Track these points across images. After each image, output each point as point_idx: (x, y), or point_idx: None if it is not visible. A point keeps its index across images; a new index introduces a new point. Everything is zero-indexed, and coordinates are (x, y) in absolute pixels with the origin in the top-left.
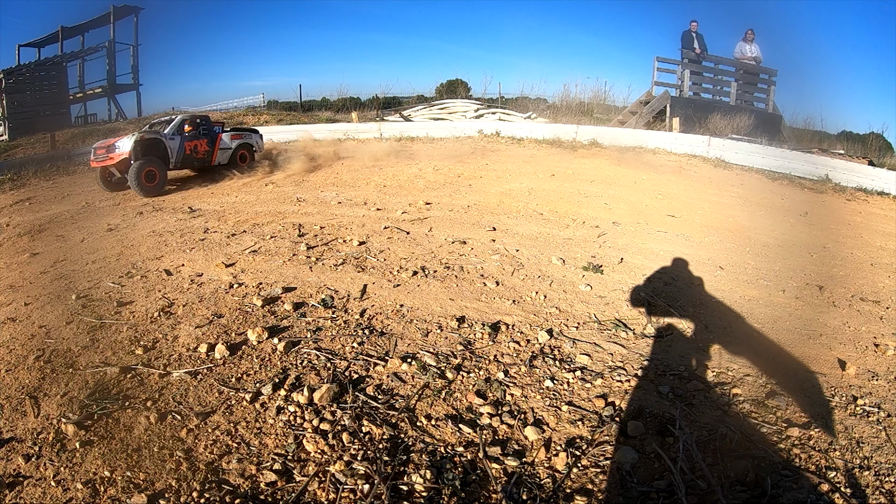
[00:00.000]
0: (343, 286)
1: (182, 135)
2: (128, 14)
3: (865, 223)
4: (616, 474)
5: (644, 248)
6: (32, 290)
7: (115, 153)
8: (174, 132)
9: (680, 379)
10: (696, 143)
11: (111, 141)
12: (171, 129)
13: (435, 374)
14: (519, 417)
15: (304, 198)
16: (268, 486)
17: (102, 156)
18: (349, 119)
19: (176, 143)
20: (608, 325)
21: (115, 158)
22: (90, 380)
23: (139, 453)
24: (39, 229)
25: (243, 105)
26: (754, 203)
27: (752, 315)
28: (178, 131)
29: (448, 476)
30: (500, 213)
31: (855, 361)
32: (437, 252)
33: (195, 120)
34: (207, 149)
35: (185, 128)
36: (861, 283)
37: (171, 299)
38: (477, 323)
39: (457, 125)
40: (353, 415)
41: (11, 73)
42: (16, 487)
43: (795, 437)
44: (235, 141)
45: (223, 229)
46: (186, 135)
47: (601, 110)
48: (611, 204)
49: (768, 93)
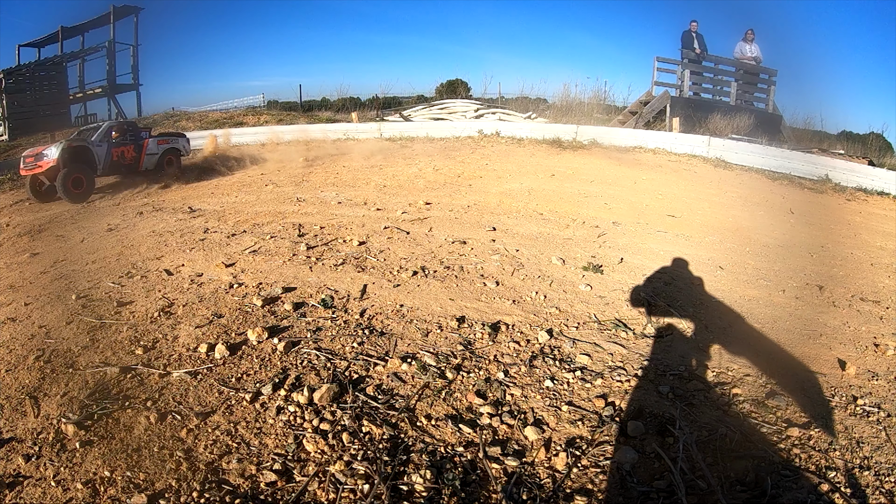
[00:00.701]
0: (343, 286)
1: (109, 141)
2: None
3: (865, 223)
4: (616, 474)
5: (644, 248)
6: (32, 290)
7: (44, 161)
8: (101, 139)
9: (680, 379)
10: (696, 143)
11: (39, 149)
12: (98, 136)
13: (435, 374)
14: (519, 417)
15: (303, 198)
16: (268, 486)
17: (31, 164)
18: (349, 119)
19: (103, 149)
20: (608, 325)
21: (44, 166)
22: (90, 380)
23: (139, 453)
24: (39, 229)
25: (243, 105)
26: (754, 203)
27: (752, 315)
28: (105, 138)
29: (448, 476)
30: (500, 213)
31: (855, 361)
32: (437, 252)
33: (122, 126)
34: (134, 154)
35: (112, 134)
36: (861, 283)
37: (171, 299)
38: (477, 323)
39: (457, 125)
40: (353, 415)
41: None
42: (16, 487)
43: (795, 437)
44: (162, 146)
45: (223, 229)
46: (113, 141)
47: (601, 110)
48: (611, 204)
49: (768, 93)
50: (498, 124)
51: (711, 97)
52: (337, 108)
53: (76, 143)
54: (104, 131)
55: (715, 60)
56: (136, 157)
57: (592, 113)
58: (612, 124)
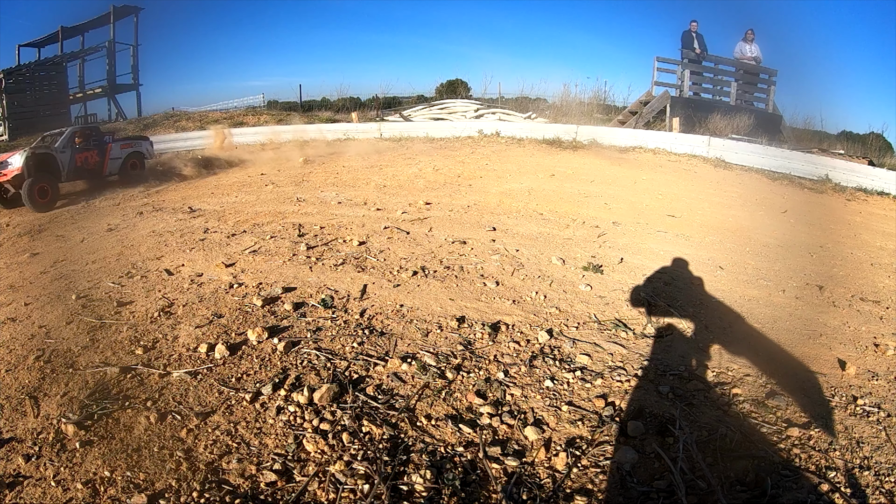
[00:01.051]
0: (343, 286)
1: (73, 147)
2: (128, 14)
3: (865, 223)
4: (616, 474)
5: (644, 247)
6: (32, 290)
7: (8, 170)
8: (64, 145)
9: (680, 379)
10: (696, 143)
11: (3, 157)
12: (61, 143)
13: (435, 374)
14: (519, 417)
15: (304, 198)
16: (268, 486)
17: None
18: (349, 119)
19: (67, 156)
20: (608, 325)
21: (9, 175)
22: (90, 380)
23: (139, 453)
24: (39, 229)
25: (243, 105)
26: (754, 203)
27: (752, 315)
28: (69, 144)
29: (448, 476)
30: (500, 213)
31: (855, 361)
32: (437, 252)
33: (85, 131)
34: (98, 160)
35: (75, 140)
36: (861, 283)
37: (171, 299)
38: (477, 323)
39: (456, 125)
40: (353, 415)
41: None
42: (16, 487)
43: (795, 437)
44: (125, 150)
45: (223, 229)
46: (77, 147)
47: (601, 110)
48: (611, 204)
49: (768, 93)
50: (498, 124)
51: (711, 97)
52: (337, 108)
53: (40, 150)
54: (67, 137)
55: (715, 60)
56: (99, 161)
57: (592, 113)
58: (612, 124)
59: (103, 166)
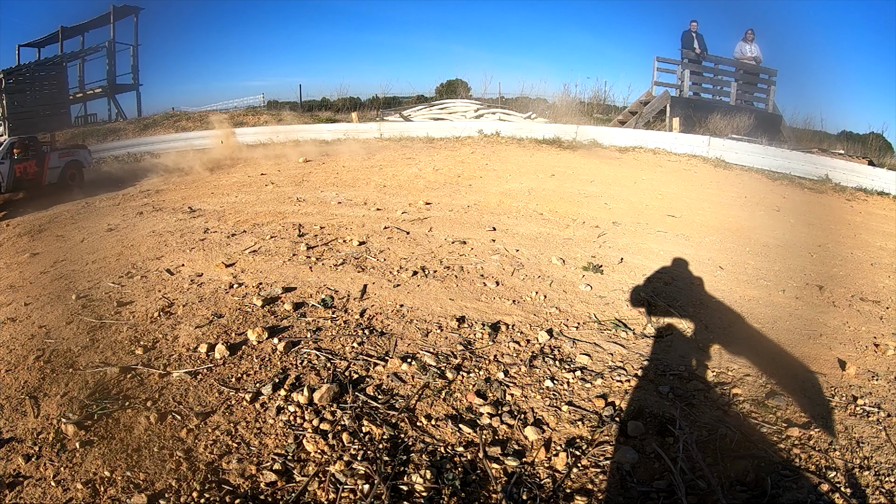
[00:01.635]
0: (343, 286)
1: (11, 158)
2: (128, 14)
3: (865, 223)
4: (616, 474)
5: (644, 248)
6: (32, 290)
7: None
8: (3, 156)
9: (680, 379)
10: (696, 143)
11: None
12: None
13: (435, 374)
14: (519, 417)
15: (304, 198)
16: (268, 486)
17: None
18: (349, 119)
19: (6, 167)
20: (608, 325)
21: None
22: (90, 380)
23: (139, 453)
24: (39, 229)
25: (243, 105)
26: (754, 203)
27: (752, 315)
28: (7, 155)
29: (448, 476)
30: (500, 213)
31: (855, 361)
32: (437, 252)
33: (24, 142)
34: (37, 169)
35: (13, 151)
36: (861, 283)
37: (171, 299)
38: (477, 323)
39: (457, 125)
40: (353, 415)
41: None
42: (16, 487)
43: (795, 437)
44: (64, 159)
45: (223, 229)
46: (15, 158)
47: (601, 110)
48: (611, 204)
49: (768, 93)
50: (498, 124)
51: (711, 97)
52: (337, 108)
53: None
54: (6, 148)
55: (715, 60)
56: (38, 171)
57: (592, 113)
58: (612, 124)
59: (42, 176)
